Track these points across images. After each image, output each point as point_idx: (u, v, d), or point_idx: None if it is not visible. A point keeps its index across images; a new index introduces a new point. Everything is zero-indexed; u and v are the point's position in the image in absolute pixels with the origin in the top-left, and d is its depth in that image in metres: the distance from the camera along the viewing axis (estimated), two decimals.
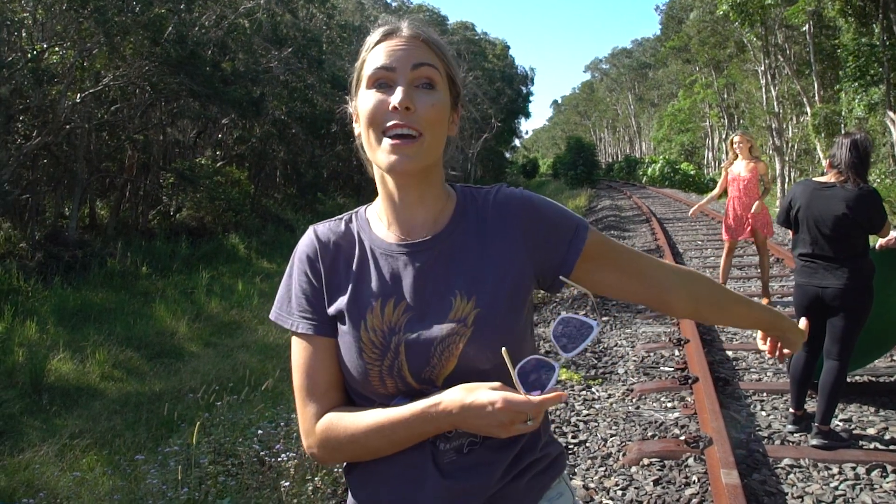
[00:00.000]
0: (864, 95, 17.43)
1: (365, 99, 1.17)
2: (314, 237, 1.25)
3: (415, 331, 1.15)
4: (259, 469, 3.59)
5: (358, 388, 1.19)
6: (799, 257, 3.95)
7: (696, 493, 3.38)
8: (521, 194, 1.26)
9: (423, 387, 1.15)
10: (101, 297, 10.78)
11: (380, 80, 1.15)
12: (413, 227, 1.21)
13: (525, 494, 1.22)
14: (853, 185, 3.75)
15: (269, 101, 18.59)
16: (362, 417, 1.15)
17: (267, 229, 18.44)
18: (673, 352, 5.72)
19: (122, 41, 13.26)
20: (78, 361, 7.75)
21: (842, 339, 3.77)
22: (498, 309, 1.16)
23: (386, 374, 1.15)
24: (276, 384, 5.94)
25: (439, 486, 1.15)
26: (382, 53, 1.17)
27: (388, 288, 1.18)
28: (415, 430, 1.12)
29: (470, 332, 1.13)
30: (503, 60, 54.22)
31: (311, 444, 1.21)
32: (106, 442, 5.75)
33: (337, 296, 1.20)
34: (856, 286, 3.73)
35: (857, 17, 17.35)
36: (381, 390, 1.16)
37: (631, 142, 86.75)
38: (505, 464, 1.18)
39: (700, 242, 12.74)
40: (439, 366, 1.14)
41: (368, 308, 1.17)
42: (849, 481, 3.45)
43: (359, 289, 1.19)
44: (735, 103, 40.20)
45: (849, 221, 3.72)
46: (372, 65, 1.17)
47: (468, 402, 1.07)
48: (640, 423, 4.31)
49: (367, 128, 1.16)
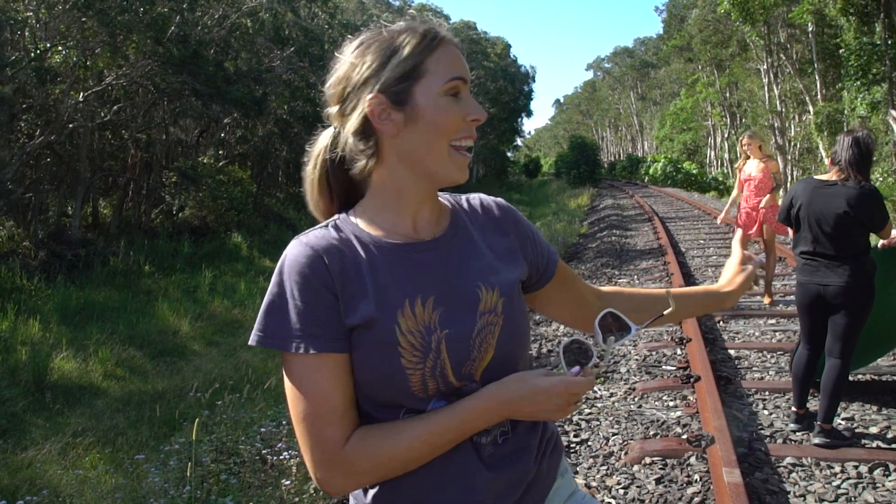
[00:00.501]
0: (867, 94, 17.40)
1: (441, 105, 1.12)
2: (311, 249, 1.12)
3: (451, 326, 1.13)
4: (261, 467, 3.59)
5: (388, 398, 1.12)
6: (800, 255, 3.95)
7: (698, 492, 3.38)
8: (503, 201, 1.34)
9: (462, 383, 1.14)
10: (104, 295, 10.80)
11: (454, 89, 1.14)
12: (420, 225, 1.20)
13: (547, 475, 1.27)
14: (854, 183, 3.74)
15: (272, 100, 18.60)
16: (403, 430, 1.10)
17: (269, 228, 18.46)
18: (675, 350, 5.72)
19: (125, 40, 13.29)
20: (81, 360, 7.76)
21: (843, 337, 3.77)
22: (517, 297, 1.22)
23: (429, 375, 1.11)
24: (278, 383, 5.96)
25: (488, 481, 1.16)
26: (456, 61, 1.15)
27: (412, 287, 1.13)
28: (466, 430, 1.11)
29: (502, 321, 1.17)
30: (505, 59, 54.21)
31: (331, 475, 1.10)
32: (108, 440, 5.76)
33: (358, 304, 1.10)
34: (857, 284, 3.72)
35: (859, 16, 17.32)
36: (420, 395, 1.12)
37: (633, 141, 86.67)
38: (535, 447, 1.22)
39: (702, 241, 12.73)
40: (478, 359, 1.14)
41: (398, 310, 1.11)
42: (851, 480, 3.45)
43: (381, 292, 1.12)
44: (737, 102, 40.15)
45: (850, 219, 3.71)
46: (449, 70, 1.13)
47: (529, 390, 1.09)
48: (643, 421, 4.31)
49: (438, 137, 1.13)
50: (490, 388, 1.11)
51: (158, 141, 17.47)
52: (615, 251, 12.42)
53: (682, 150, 48.84)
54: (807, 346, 4.02)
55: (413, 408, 1.13)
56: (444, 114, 1.13)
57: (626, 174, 54.68)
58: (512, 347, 1.18)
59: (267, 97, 17.73)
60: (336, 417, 1.09)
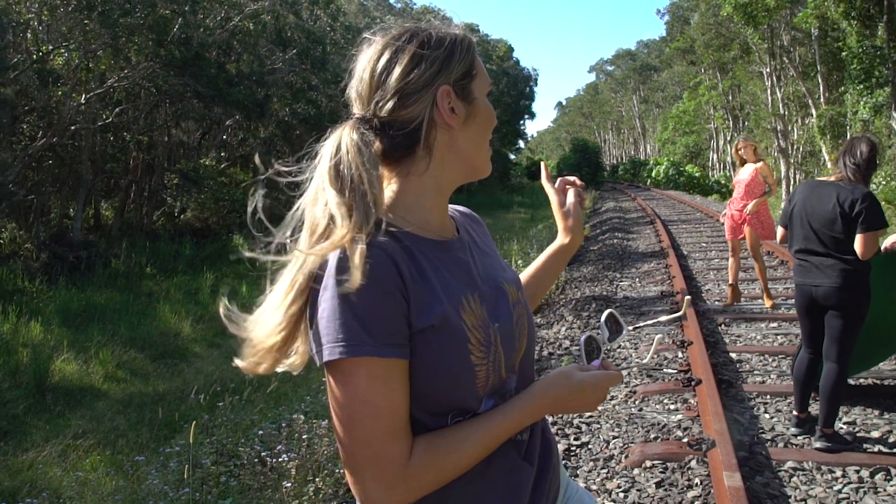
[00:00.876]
0: (869, 97, 17.38)
1: (487, 108, 1.22)
2: (381, 249, 1.04)
3: (499, 320, 1.15)
4: (260, 470, 3.59)
5: (449, 402, 1.09)
6: (794, 255, 3.95)
7: (699, 496, 3.36)
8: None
9: (508, 375, 1.15)
10: (106, 297, 10.81)
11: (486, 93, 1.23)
12: (444, 224, 1.22)
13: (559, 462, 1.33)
14: (848, 184, 3.73)
15: (273, 102, 18.63)
16: (466, 437, 1.06)
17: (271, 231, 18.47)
18: (676, 354, 5.70)
19: (127, 43, 13.33)
20: (82, 362, 7.77)
21: (839, 339, 3.74)
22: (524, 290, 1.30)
23: (492, 370, 1.11)
24: (279, 385, 5.95)
25: (531, 476, 1.19)
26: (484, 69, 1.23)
27: (462, 283, 1.14)
28: (516, 429, 1.13)
29: (527, 312, 1.24)
30: (507, 62, 54.22)
31: (394, 494, 1.02)
32: (109, 442, 5.76)
33: (430, 304, 1.06)
34: (848, 285, 3.69)
35: (861, 20, 17.30)
36: (482, 392, 1.10)
37: (635, 143, 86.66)
38: (550, 436, 1.28)
39: (704, 244, 12.71)
40: (519, 349, 1.18)
41: (460, 306, 1.09)
42: (852, 484, 3.44)
43: (444, 291, 1.09)
44: (740, 105, 40.13)
45: (839, 217, 3.67)
46: (486, 78, 1.23)
47: (577, 386, 1.13)
48: (643, 425, 4.30)
49: (487, 133, 1.23)
50: (538, 386, 1.15)
51: (160, 143, 17.51)
52: (617, 254, 12.41)
53: (684, 152, 48.82)
54: (807, 350, 4.01)
55: (465, 409, 1.10)
56: (492, 113, 1.23)
57: (629, 177, 54.67)
58: (533, 337, 1.25)
59: (269, 99, 17.76)
60: (403, 432, 1.03)
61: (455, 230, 1.24)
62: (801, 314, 3.97)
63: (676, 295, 7.87)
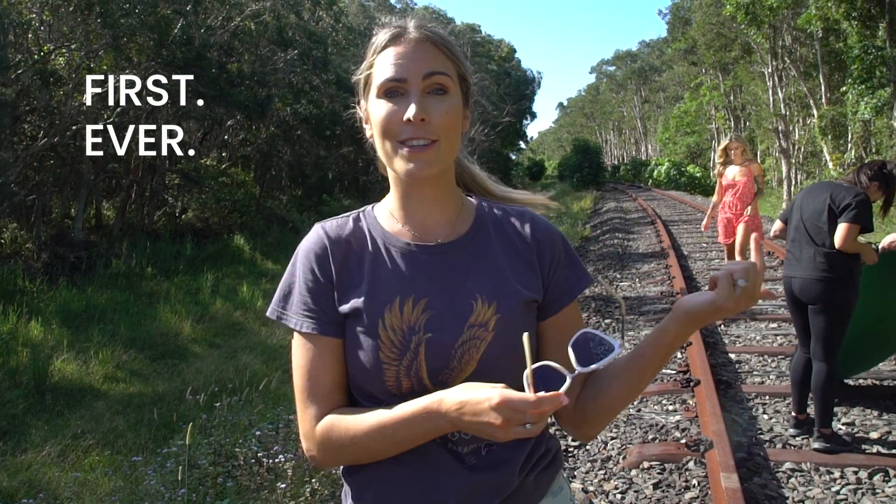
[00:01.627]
0: (871, 98, 17.33)
1: (377, 109, 1.15)
2: (323, 234, 1.20)
3: (435, 331, 1.13)
4: (257, 470, 3.59)
5: (368, 389, 1.16)
6: (787, 250, 3.99)
7: (696, 497, 3.36)
8: (547, 223, 1.29)
9: (438, 389, 1.12)
10: (106, 297, 10.81)
11: (390, 90, 1.14)
12: (429, 226, 1.21)
13: (533, 489, 1.23)
14: (849, 184, 3.73)
15: (275, 102, 18.63)
16: (364, 418, 1.12)
17: (272, 231, 18.48)
18: (676, 354, 5.70)
19: (129, 42, 13.32)
20: (82, 362, 7.76)
21: (821, 337, 3.73)
22: (517, 317, 1.18)
23: (403, 374, 1.13)
24: (278, 385, 5.95)
25: (465, 482, 1.15)
26: (392, 62, 1.14)
27: (407, 286, 1.16)
28: (416, 428, 1.08)
29: (491, 338, 1.15)
30: (509, 62, 54.19)
31: (310, 448, 1.17)
32: (108, 442, 5.76)
33: (351, 293, 1.16)
34: (823, 278, 3.68)
35: (862, 20, 17.27)
36: (395, 391, 1.14)
37: (637, 144, 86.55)
38: (522, 460, 1.20)
39: (705, 245, 12.70)
40: (458, 369, 1.14)
41: (387, 306, 1.14)
42: (850, 485, 3.43)
43: (375, 286, 1.16)
44: (741, 105, 40.06)
45: (826, 209, 3.69)
46: (382, 74, 1.15)
47: (466, 398, 1.03)
48: (641, 425, 4.29)
49: (382, 138, 1.15)
50: (444, 391, 1.08)
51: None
52: (617, 254, 12.40)
53: (685, 153, 48.74)
54: (802, 349, 4.01)
55: (390, 404, 1.13)
56: (380, 115, 1.15)
57: (630, 177, 54.62)
58: (498, 367, 1.14)
59: (270, 99, 17.76)
60: (320, 396, 1.16)
61: (464, 233, 1.22)
62: (789, 309, 4.00)
63: (676, 295, 7.85)
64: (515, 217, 1.27)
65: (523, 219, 1.27)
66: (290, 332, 1.20)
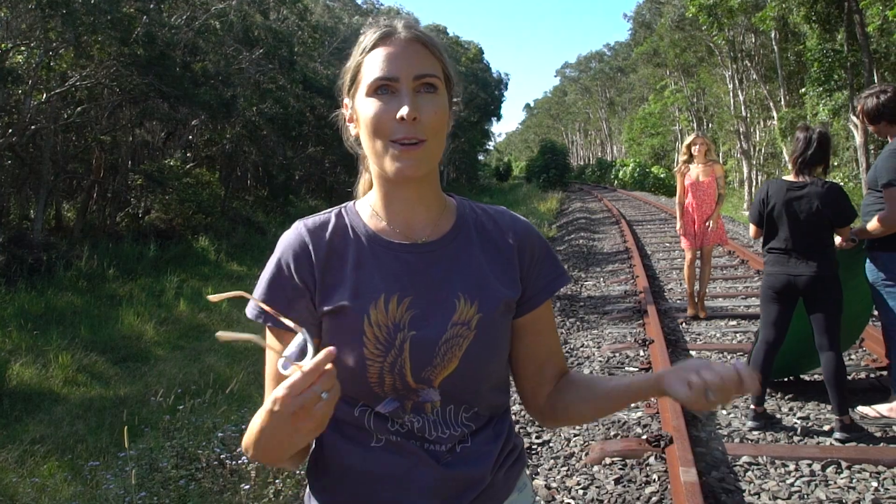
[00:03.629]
0: (829, 100, 17.76)
1: (366, 106, 1.15)
2: (304, 233, 1.20)
3: (420, 329, 1.15)
4: (221, 472, 3.56)
5: (348, 386, 1.13)
6: (770, 251, 4.09)
7: (656, 492, 3.42)
8: (525, 222, 1.32)
9: (420, 386, 1.15)
10: (67, 300, 10.61)
11: (382, 87, 1.14)
12: (413, 225, 1.22)
13: (503, 485, 1.25)
14: (821, 183, 3.92)
15: (240, 102, 18.45)
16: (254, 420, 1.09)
17: (237, 232, 18.29)
18: (638, 352, 5.78)
19: (90, 41, 13.09)
20: (41, 366, 7.62)
21: (827, 329, 3.92)
22: (497, 316, 1.20)
23: (387, 371, 1.14)
24: (242, 387, 5.91)
25: (441, 477, 1.16)
26: (383, 61, 1.15)
27: (392, 284, 1.16)
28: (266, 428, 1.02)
29: (473, 336, 1.17)
30: (477, 63, 54.35)
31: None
32: (68, 447, 5.66)
33: (335, 291, 1.16)
34: (827, 275, 3.90)
35: (822, 24, 17.68)
36: (377, 389, 1.15)
37: (602, 145, 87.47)
38: (496, 455, 1.21)
39: (668, 245, 12.89)
40: (440, 366, 1.15)
41: (372, 303, 1.15)
42: (805, 478, 3.52)
43: (360, 283, 1.16)
44: (704, 107, 40.73)
45: (821, 217, 3.91)
46: (372, 73, 1.15)
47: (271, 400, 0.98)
48: (604, 422, 4.35)
49: (372, 137, 1.15)
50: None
51: (124, 143, 17.23)
52: (583, 254, 12.53)
53: (650, 154, 49.41)
54: (765, 341, 4.10)
55: (368, 403, 1.16)
56: (370, 113, 1.14)
57: (596, 178, 55.16)
58: (479, 365, 1.18)
59: (236, 99, 17.58)
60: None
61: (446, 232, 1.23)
62: (769, 299, 4.10)
63: (639, 294, 7.97)
64: (495, 216, 1.29)
65: (503, 218, 1.30)
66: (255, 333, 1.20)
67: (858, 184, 16.95)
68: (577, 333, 6.70)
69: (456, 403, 1.19)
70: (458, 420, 1.19)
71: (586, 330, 6.80)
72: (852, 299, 4.58)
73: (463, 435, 1.19)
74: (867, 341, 5.49)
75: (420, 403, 1.17)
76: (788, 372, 4.89)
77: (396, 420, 1.17)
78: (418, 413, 1.17)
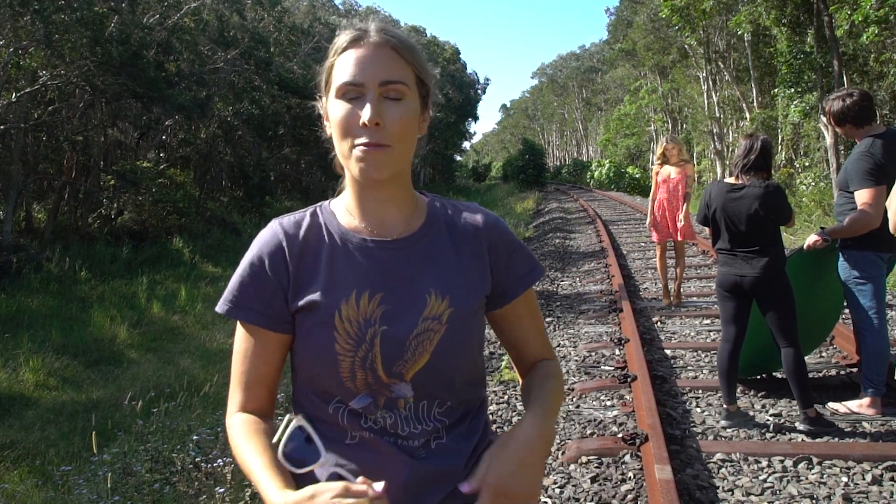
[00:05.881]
0: (800, 101, 18.01)
1: (335, 109, 1.17)
2: (280, 231, 1.23)
3: (390, 324, 1.17)
4: (196, 476, 3.53)
5: (323, 384, 1.18)
6: (718, 252, 4.20)
7: (632, 490, 3.45)
8: (495, 216, 1.34)
9: (392, 381, 1.17)
10: (37, 302, 10.44)
11: (348, 92, 1.16)
12: (385, 223, 1.24)
13: None
14: (760, 184, 3.99)
15: (216, 102, 18.29)
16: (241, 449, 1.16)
17: (212, 233, 18.12)
18: (614, 351, 5.82)
19: (62, 40, 12.89)
20: (11, 370, 7.49)
21: (781, 326, 3.98)
22: (469, 311, 1.22)
23: (358, 365, 1.16)
24: (217, 389, 5.85)
25: (415, 471, 1.17)
26: (351, 65, 1.16)
27: (363, 280, 1.19)
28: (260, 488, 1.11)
29: (444, 330, 1.19)
30: (454, 64, 54.41)
31: (228, 426, 1.24)
32: (39, 452, 5.58)
33: (308, 288, 1.19)
34: (772, 274, 3.97)
35: (791, 27, 17.92)
36: (349, 384, 1.17)
37: (578, 145, 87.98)
38: (469, 451, 1.24)
39: (643, 244, 12.99)
40: (412, 360, 1.17)
41: (343, 298, 1.17)
42: (777, 474, 3.56)
43: (332, 280, 1.19)
44: (679, 108, 41.11)
45: (760, 217, 3.98)
46: (340, 77, 1.17)
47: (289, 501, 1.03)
48: (580, 421, 4.38)
49: (340, 139, 1.17)
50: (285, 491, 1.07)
51: (96, 143, 16.99)
52: (559, 254, 12.59)
53: (625, 154, 49.79)
54: (726, 339, 4.20)
55: (342, 399, 1.18)
56: (338, 115, 1.17)
57: (572, 178, 55.43)
58: (450, 358, 1.20)
59: (210, 99, 17.42)
60: (242, 386, 1.22)
61: (417, 228, 1.25)
62: (723, 297, 4.22)
63: (615, 293, 8.02)
64: (466, 212, 1.31)
65: (473, 214, 1.32)
66: (230, 335, 1.22)
67: (829, 184, 17.19)
68: (554, 333, 6.73)
69: (429, 398, 1.21)
70: (431, 415, 1.21)
71: (563, 329, 6.83)
72: (824, 297, 4.68)
73: (437, 430, 1.21)
74: (838, 339, 5.58)
75: (393, 399, 1.18)
76: (760, 369, 4.95)
77: (369, 417, 1.18)
78: (391, 409, 1.18)
